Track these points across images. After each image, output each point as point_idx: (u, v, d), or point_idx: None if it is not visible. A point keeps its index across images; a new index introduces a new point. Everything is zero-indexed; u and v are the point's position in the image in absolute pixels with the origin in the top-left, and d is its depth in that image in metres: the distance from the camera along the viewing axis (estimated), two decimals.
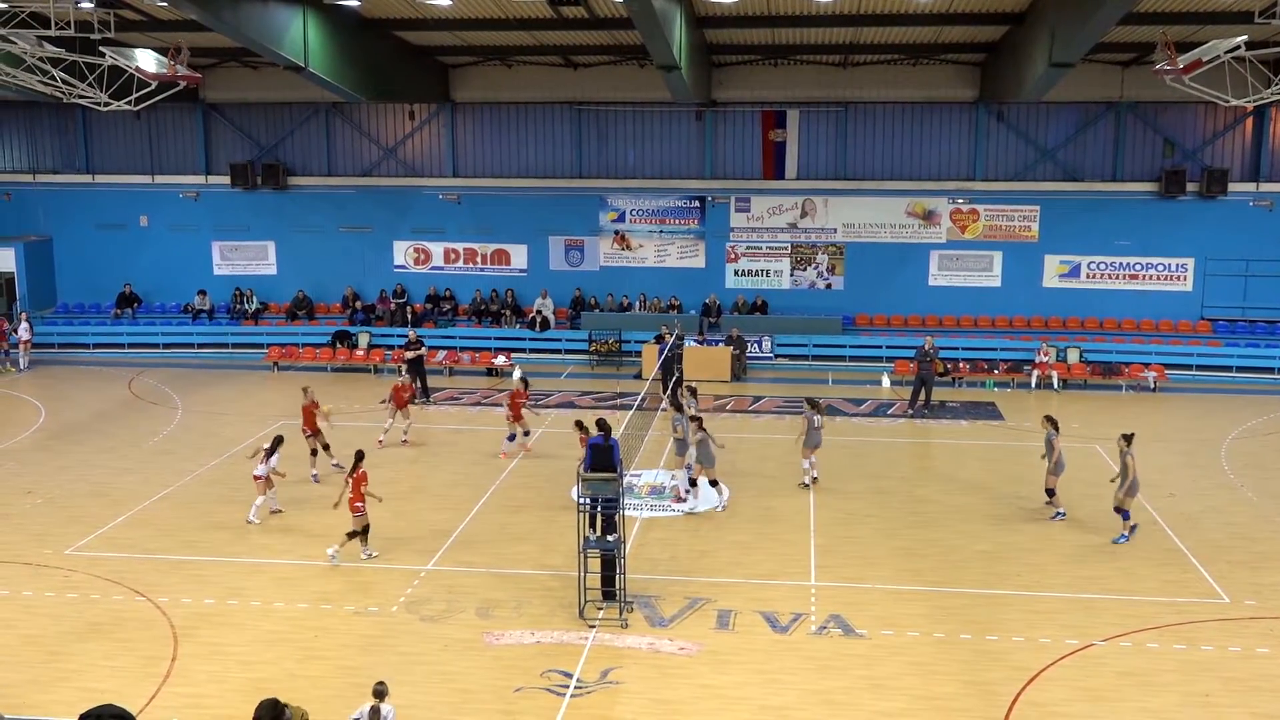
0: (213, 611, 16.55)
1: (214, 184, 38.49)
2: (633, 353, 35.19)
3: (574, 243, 37.75)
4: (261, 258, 38.88)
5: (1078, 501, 21.62)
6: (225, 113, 38.39)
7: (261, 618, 16.33)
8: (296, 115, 38.26)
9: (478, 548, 19.21)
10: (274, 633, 15.84)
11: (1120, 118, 35.06)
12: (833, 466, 24.10)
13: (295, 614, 16.46)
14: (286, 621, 16.20)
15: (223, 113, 38.39)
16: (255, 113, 38.35)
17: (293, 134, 38.40)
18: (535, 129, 37.48)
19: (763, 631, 15.87)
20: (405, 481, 23.02)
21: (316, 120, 38.24)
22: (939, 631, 15.88)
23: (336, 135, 38.35)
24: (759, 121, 36.51)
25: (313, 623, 16.16)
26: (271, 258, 38.85)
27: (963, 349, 34.14)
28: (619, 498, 16.33)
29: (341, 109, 37.96)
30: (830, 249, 36.73)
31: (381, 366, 34.70)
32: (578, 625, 15.99)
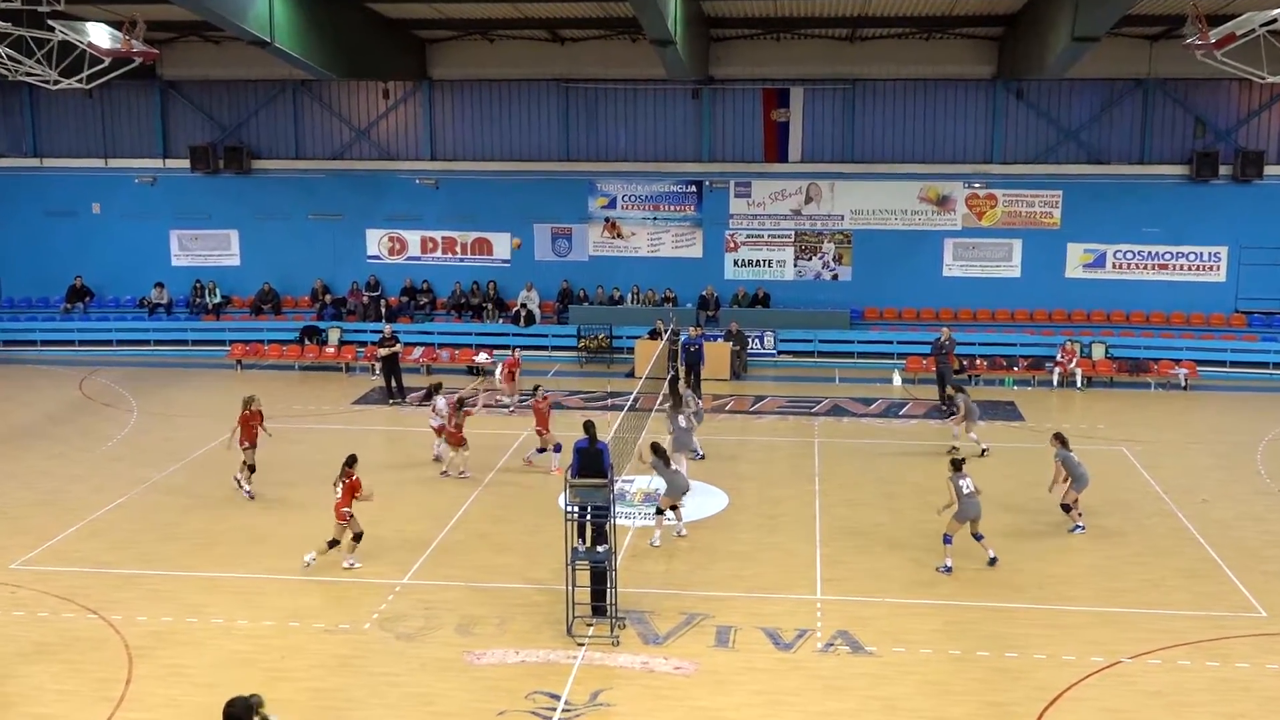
0: (170, 630, 16.48)
1: (172, 168, 38.36)
2: (624, 349, 35.17)
3: (561, 231, 37.70)
4: (223, 247, 38.77)
5: (1103, 509, 21.63)
6: (184, 91, 38.27)
7: (223, 636, 16.27)
8: (261, 94, 38.15)
9: (458, 560, 19.17)
10: (237, 652, 15.77)
11: (1148, 96, 35.09)
12: (839, 471, 24.11)
13: (260, 632, 16.40)
14: (251, 640, 16.14)
15: (182, 91, 38.27)
16: (217, 91, 38.22)
17: (257, 114, 38.29)
18: (519, 108, 37.42)
19: (765, 649, 15.85)
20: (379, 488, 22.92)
21: (283, 99, 38.14)
22: (954, 648, 15.88)
23: (305, 115, 38.25)
24: (760, 100, 36.48)
25: (279, 641, 16.10)
26: (234, 247, 38.74)
27: (980, 344, 34.16)
28: (610, 505, 16.30)
29: (310, 87, 37.87)
30: (837, 237, 36.73)
31: (353, 365, 34.64)
32: (565, 643, 15.96)
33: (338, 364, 34.96)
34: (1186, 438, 27.24)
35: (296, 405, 30.18)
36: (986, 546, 18.97)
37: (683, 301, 36.72)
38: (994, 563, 18.82)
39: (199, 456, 25.28)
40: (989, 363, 33.37)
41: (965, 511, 18.72)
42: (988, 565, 18.79)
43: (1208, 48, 22.82)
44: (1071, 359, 32.63)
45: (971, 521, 18.82)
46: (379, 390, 31.47)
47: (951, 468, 19.01)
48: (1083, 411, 30.09)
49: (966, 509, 18.72)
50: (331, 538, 18.69)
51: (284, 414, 28.96)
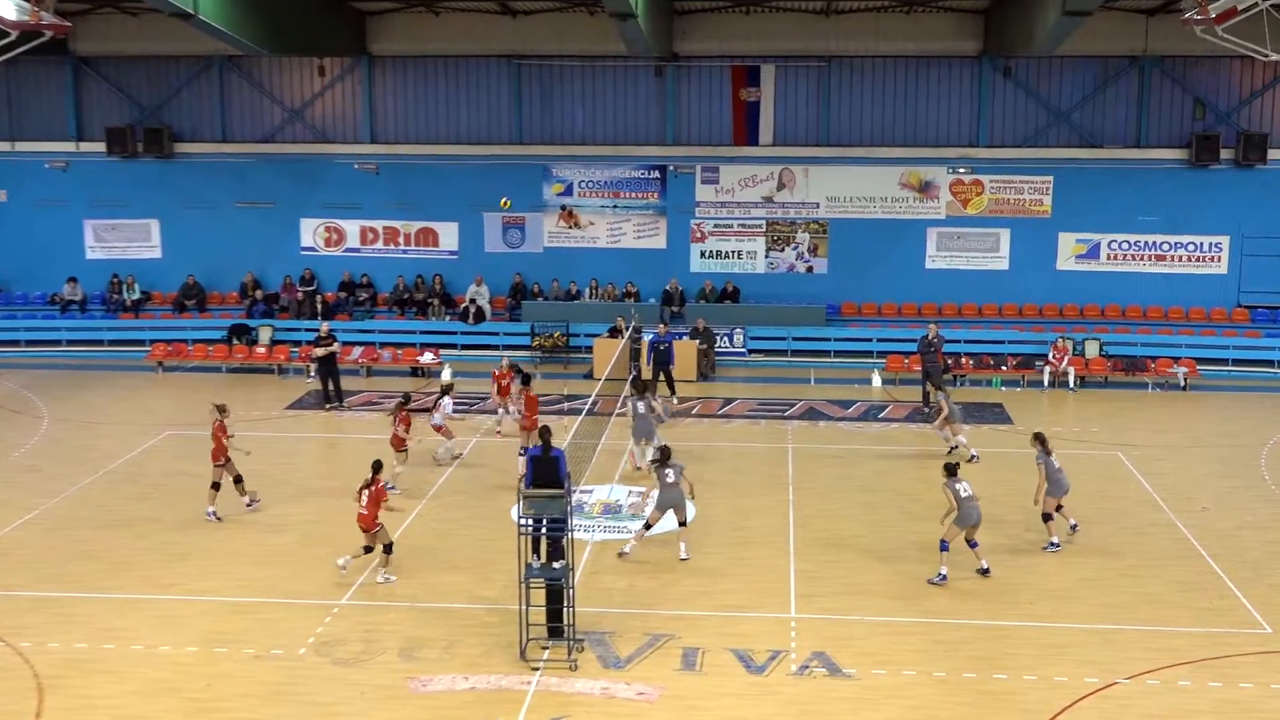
0: (85, 657, 16.30)
1: (87, 152, 38.03)
2: (582, 349, 35.14)
3: (513, 220, 37.62)
4: (143, 239, 38.47)
5: (1098, 518, 21.80)
6: (100, 68, 37.93)
7: (143, 663, 16.10)
8: (185, 71, 37.86)
9: (401, 578, 19.06)
10: (158, 681, 15.62)
11: (1144, 75, 35.41)
12: (815, 480, 24.17)
13: (184, 659, 16.25)
14: (174, 668, 15.99)
15: (97, 68, 37.93)
16: (136, 68, 37.91)
17: (180, 93, 38.00)
18: (467, 87, 37.32)
19: (735, 673, 15.86)
20: (314, 500, 22.84)
21: (209, 77, 37.86)
22: (939, 670, 15.94)
23: (233, 95, 37.98)
24: (728, 78, 36.55)
25: (205, 669, 15.96)
26: (155, 239, 38.45)
27: (965, 342, 34.36)
28: (566, 518, 16.26)
29: (238, 64, 37.60)
30: (812, 227, 36.84)
31: (286, 366, 34.42)
32: (519, 668, 15.91)
33: (269, 366, 34.71)
34: (1186, 441, 27.49)
35: None
36: (979, 556, 19.11)
37: (645, 296, 36.73)
38: (985, 573, 18.95)
39: (117, 468, 25.04)
40: (975, 362, 33.55)
41: (966, 516, 18.86)
42: (978, 574, 18.94)
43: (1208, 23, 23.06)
44: (1063, 357, 32.85)
45: (970, 527, 18.98)
46: (314, 394, 31.27)
47: (946, 473, 19.17)
48: (1075, 413, 30.31)
49: (968, 513, 18.86)
50: (365, 544, 18.93)
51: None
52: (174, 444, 26.86)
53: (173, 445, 26.77)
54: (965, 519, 18.88)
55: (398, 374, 34.20)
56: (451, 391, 25.99)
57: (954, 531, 18.91)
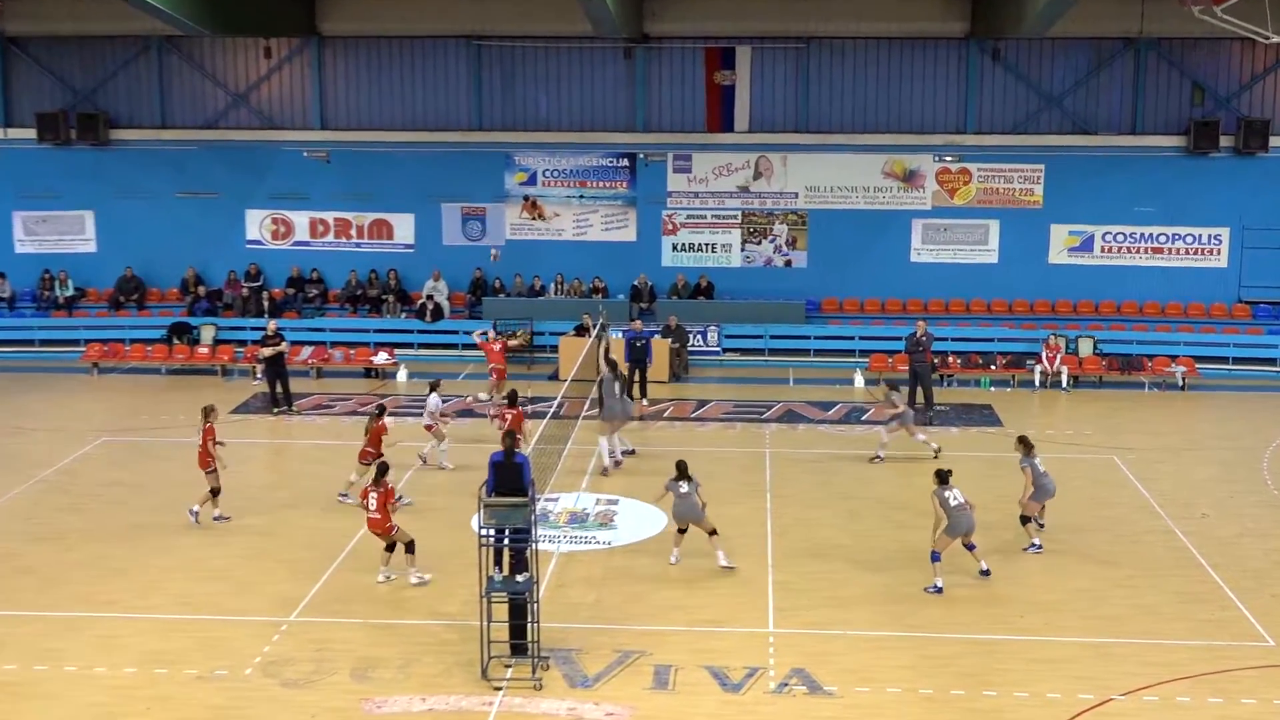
0: (15, 680, 16.18)
1: (15, 139, 37.75)
2: (547, 347, 35.11)
3: (473, 211, 37.56)
4: (77, 231, 38.24)
5: (1090, 525, 21.94)
6: (29, 49, 37.67)
7: (79, 687, 16.00)
8: (121, 52, 37.64)
9: (354, 593, 19.01)
10: (95, 705, 15.52)
11: (1140, 58, 35.62)
12: (794, 486, 24.21)
13: (122, 681, 16.16)
14: (111, 691, 15.89)
15: (26, 49, 37.67)
16: (69, 49, 37.66)
17: (117, 76, 37.78)
18: (424, 70, 37.24)
19: (710, 691, 15.87)
20: (262, 510, 22.73)
21: (147, 59, 37.64)
22: (925, 687, 16.00)
23: (173, 77, 37.77)
24: (701, 61, 36.58)
25: (145, 691, 15.87)
26: (90, 231, 38.24)
27: (952, 340, 34.47)
28: (531, 528, 16.25)
29: (179, 45, 37.40)
30: (790, 218, 36.92)
31: (230, 367, 34.27)
32: (480, 688, 15.89)
33: (212, 367, 34.56)
34: (1185, 444, 27.68)
35: (164, 415, 29.79)
36: (979, 558, 19.30)
37: (614, 292, 36.72)
38: (986, 574, 19.23)
39: (48, 476, 24.87)
40: (963, 361, 33.67)
41: (956, 526, 19.02)
42: (980, 575, 19.21)
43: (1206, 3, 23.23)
44: (1056, 356, 33.01)
45: (964, 535, 19.17)
46: (261, 397, 31.15)
47: (936, 480, 19.27)
48: (1068, 415, 30.47)
49: (957, 523, 19.01)
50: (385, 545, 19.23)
51: (149, 426, 28.63)
52: (109, 451, 26.70)
53: (108, 452, 26.61)
54: (955, 529, 19.03)
55: (350, 375, 34.08)
56: (439, 388, 25.76)
57: (944, 542, 19.04)
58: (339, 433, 28.46)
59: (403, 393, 32.10)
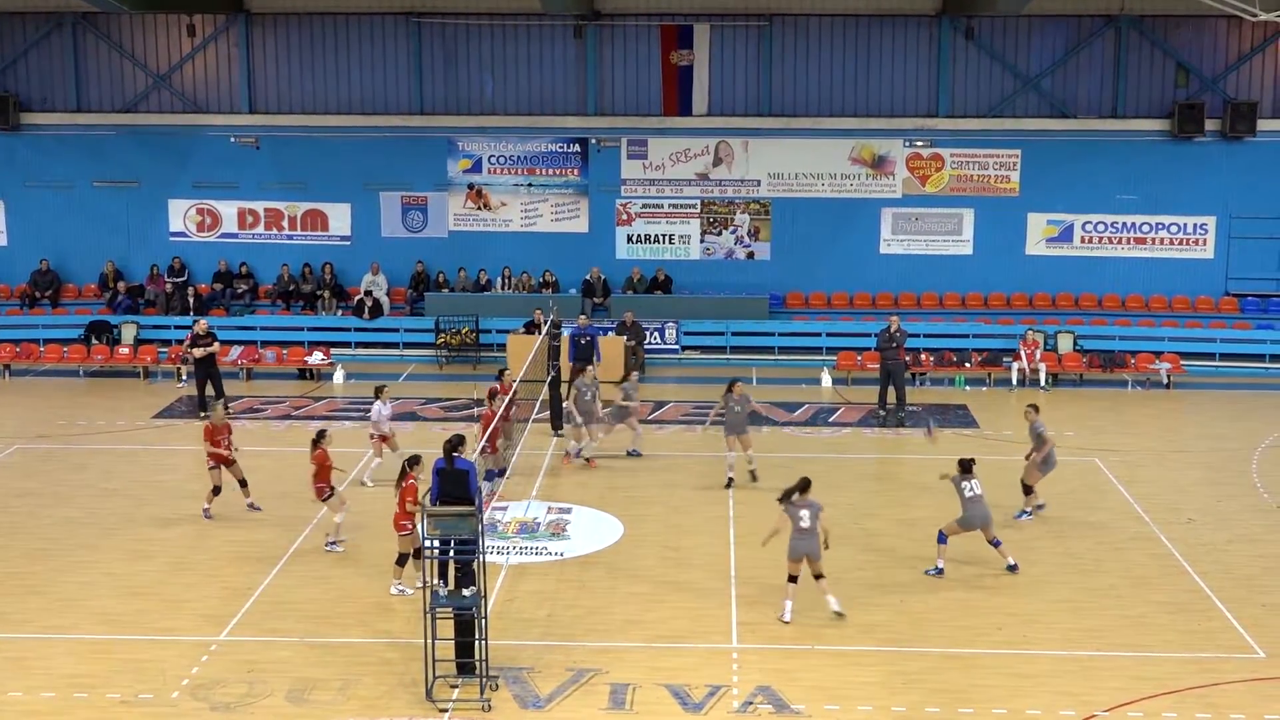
0: None
1: None
2: (493, 345, 35.07)
3: (414, 200, 37.48)
4: None
5: (1073, 532, 22.12)
6: None
7: None
8: (31, 29, 37.34)
9: (288, 610, 18.94)
10: None
11: (1121, 37, 35.90)
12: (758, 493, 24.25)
13: (39, 707, 16.03)
14: (27, 718, 15.77)
15: None
16: None
17: (27, 55, 37.49)
18: (360, 49, 37.10)
19: (670, 711, 15.90)
20: (187, 523, 22.61)
21: (60, 37, 37.36)
22: (898, 704, 16.08)
23: (88, 57, 37.51)
24: (657, 40, 36.62)
25: (64, 718, 15.76)
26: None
27: (925, 336, 34.66)
28: (478, 539, 16.24)
29: (94, 21, 37.13)
30: (752, 207, 37.01)
31: (154, 369, 34.04)
32: (425, 709, 15.87)
33: (134, 368, 34.34)
34: (1170, 445, 27.93)
35: (81, 420, 29.59)
36: (1005, 554, 20.04)
37: (565, 287, 36.72)
38: (1014, 569, 20.03)
39: None
40: (936, 358, 33.85)
41: (969, 518, 19.81)
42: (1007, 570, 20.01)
43: None
44: (1034, 353, 33.24)
45: (982, 528, 19.88)
46: (187, 400, 30.96)
47: (959, 467, 20.02)
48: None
49: (971, 515, 19.80)
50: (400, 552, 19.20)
51: (66, 432, 28.41)
52: (24, 460, 26.47)
53: (23, 461, 26.38)
54: (968, 520, 19.82)
55: (283, 377, 33.93)
56: (384, 394, 24.97)
57: (954, 528, 19.91)
58: (271, 438, 28.33)
59: (340, 395, 31.99)
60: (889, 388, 29.81)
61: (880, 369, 30.13)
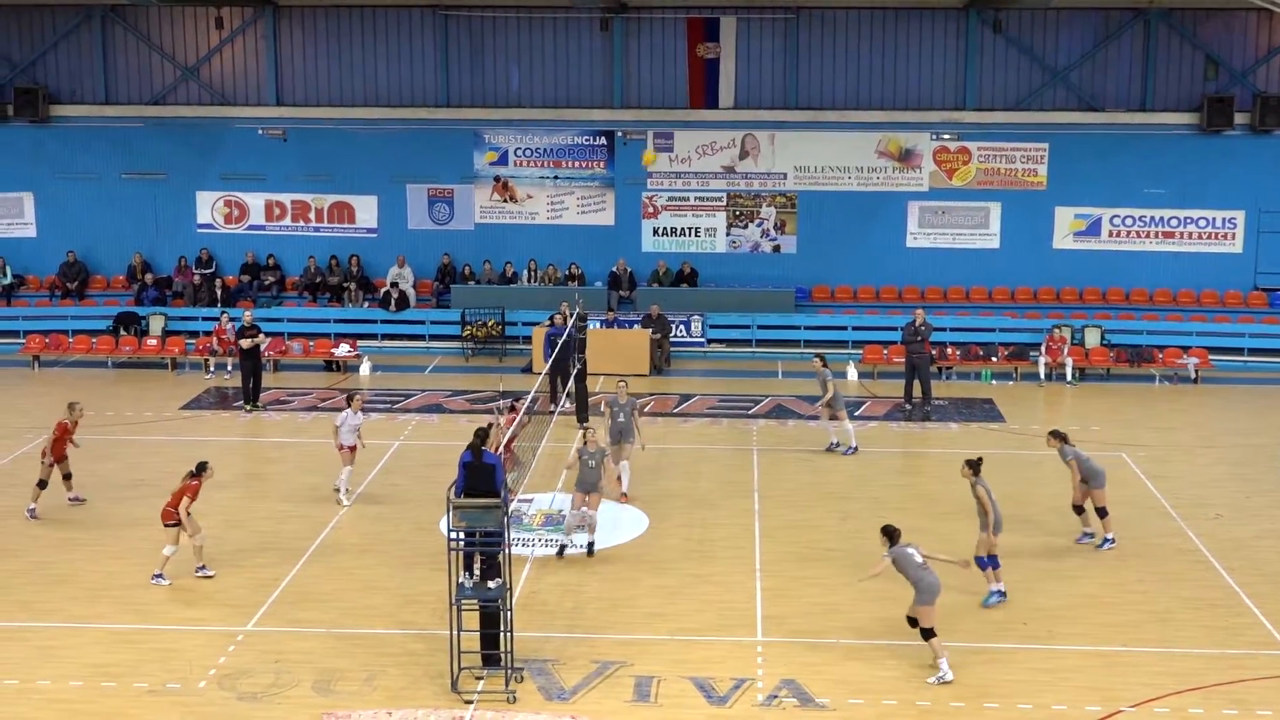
0: None
1: None
2: (519, 338, 35.12)
3: (440, 193, 37.53)
4: (15, 214, 38.14)
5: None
6: None
7: (19, 701, 15.98)
8: (61, 22, 37.51)
9: (315, 601, 19.01)
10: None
11: (1151, 29, 35.75)
12: (783, 486, 24.27)
13: (66, 695, 16.12)
14: (55, 706, 15.86)
15: None
16: (5, 18, 37.53)
17: (57, 47, 37.65)
18: (387, 42, 37.16)
19: (695, 703, 15.91)
20: (217, 514, 22.68)
21: (89, 29, 37.52)
22: (923, 699, 16.07)
23: (117, 49, 37.67)
24: (683, 32, 36.59)
25: (91, 707, 15.85)
26: (29, 215, 38.13)
27: (951, 330, 34.60)
28: (503, 531, 16.27)
29: (123, 14, 37.28)
30: (778, 200, 36.96)
31: (181, 360, 34.16)
32: (450, 701, 15.90)
33: (162, 359, 34.46)
34: (1197, 440, 27.81)
35: (109, 411, 29.71)
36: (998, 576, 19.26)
37: (591, 279, 36.75)
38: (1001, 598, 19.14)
39: None
40: (962, 352, 33.76)
41: (1001, 521, 18.77)
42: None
43: None
44: (1060, 347, 33.14)
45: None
46: (215, 392, 31.13)
47: (971, 469, 19.06)
48: (1074, 410, 30.59)
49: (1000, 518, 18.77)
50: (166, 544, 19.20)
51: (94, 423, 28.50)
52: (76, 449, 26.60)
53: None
54: (1001, 524, 18.78)
55: (310, 369, 34.03)
56: (355, 403, 23.39)
57: (992, 542, 18.72)
58: (298, 428, 28.45)
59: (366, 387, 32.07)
60: (914, 382, 29.75)
61: (905, 363, 30.09)
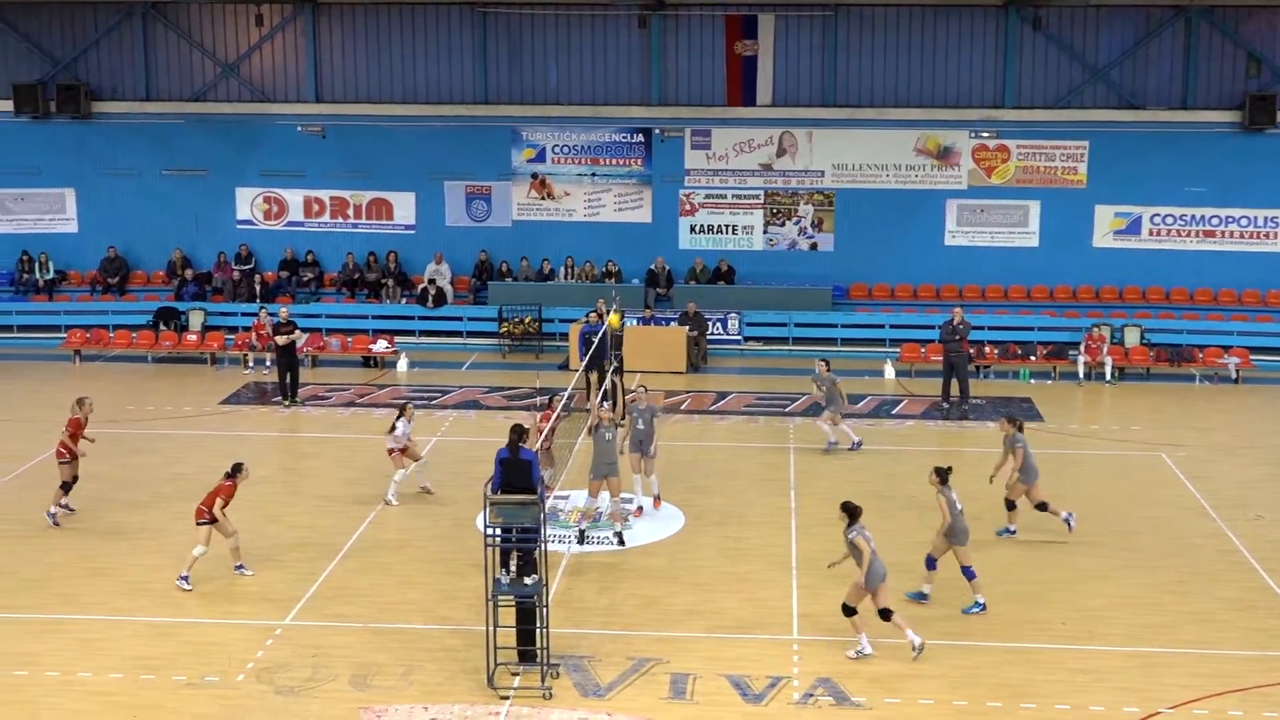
0: None
1: None
2: (556, 335, 35.16)
3: (478, 190, 37.60)
4: (57, 210, 38.36)
5: (1136, 527, 21.94)
6: (6, 15, 37.74)
7: (60, 693, 16.10)
8: (103, 19, 37.71)
9: (352, 595, 19.09)
10: (77, 713, 15.61)
11: (1192, 26, 35.50)
12: (820, 484, 24.21)
13: (106, 687, 16.24)
14: (95, 698, 15.97)
15: (2, 15, 37.72)
16: (47, 15, 37.76)
17: (98, 44, 37.86)
18: (425, 39, 37.25)
19: (730, 701, 15.92)
20: (254, 508, 22.80)
21: (130, 26, 37.73)
22: (959, 698, 16.03)
23: (158, 46, 37.85)
24: (721, 30, 36.55)
25: (130, 699, 15.95)
26: (71, 210, 38.34)
27: (989, 329, 34.44)
28: (539, 527, 16.30)
29: (164, 10, 37.47)
30: (816, 198, 36.88)
31: (220, 355, 34.33)
32: (486, 696, 15.94)
33: (201, 354, 34.64)
34: (1238, 441, 27.62)
35: (149, 406, 29.89)
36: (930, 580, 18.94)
37: (628, 277, 36.75)
38: (923, 598, 18.84)
39: (26, 471, 24.97)
40: (1001, 351, 33.63)
41: (959, 533, 18.63)
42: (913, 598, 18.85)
43: None
44: (1100, 346, 32.97)
45: (960, 549, 18.65)
46: (254, 387, 31.26)
47: (938, 477, 18.89)
48: (1114, 409, 30.45)
49: (959, 530, 18.61)
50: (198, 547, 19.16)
51: (134, 417, 28.73)
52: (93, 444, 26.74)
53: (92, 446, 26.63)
54: (959, 534, 18.57)
55: (348, 364, 34.15)
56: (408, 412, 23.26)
57: (942, 547, 18.67)
58: (336, 424, 28.56)
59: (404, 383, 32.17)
60: (952, 380, 29.68)
61: (943, 361, 30.03)
